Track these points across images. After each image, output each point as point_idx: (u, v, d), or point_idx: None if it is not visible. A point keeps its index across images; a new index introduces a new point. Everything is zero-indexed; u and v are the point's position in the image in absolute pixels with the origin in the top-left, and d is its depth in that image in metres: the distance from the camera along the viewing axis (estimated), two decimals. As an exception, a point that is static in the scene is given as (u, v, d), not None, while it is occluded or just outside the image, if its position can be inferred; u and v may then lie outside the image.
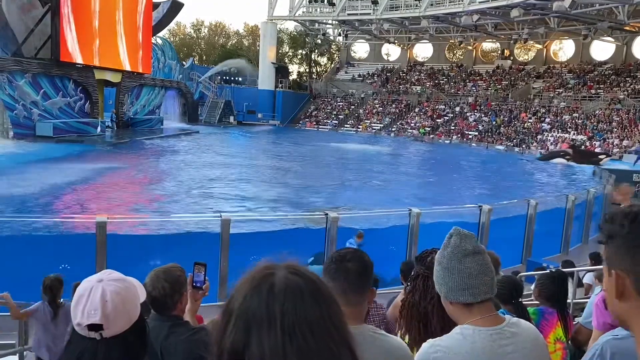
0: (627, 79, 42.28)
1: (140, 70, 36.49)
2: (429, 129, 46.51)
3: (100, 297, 1.46)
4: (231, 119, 50.86)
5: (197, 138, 36.67)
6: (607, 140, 33.77)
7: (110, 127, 34.02)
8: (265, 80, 54.84)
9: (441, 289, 1.73)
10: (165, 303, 2.32)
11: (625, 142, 32.40)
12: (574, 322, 3.96)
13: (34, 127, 26.80)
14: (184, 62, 51.95)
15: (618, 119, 36.16)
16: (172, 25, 59.44)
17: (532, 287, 5.43)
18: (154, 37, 41.20)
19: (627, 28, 41.56)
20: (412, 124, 48.47)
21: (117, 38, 32.89)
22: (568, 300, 4.55)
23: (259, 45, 59.54)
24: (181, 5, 41.05)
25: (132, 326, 1.52)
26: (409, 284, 2.28)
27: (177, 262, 2.52)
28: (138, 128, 36.36)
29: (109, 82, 33.44)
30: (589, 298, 4.02)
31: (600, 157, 28.84)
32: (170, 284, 2.32)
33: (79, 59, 29.12)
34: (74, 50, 28.53)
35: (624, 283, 1.12)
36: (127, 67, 34.44)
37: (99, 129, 30.63)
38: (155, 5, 38.77)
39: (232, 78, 59.61)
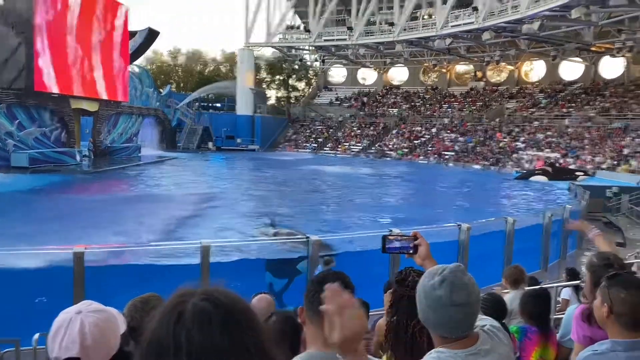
0: (596, 97, 43.46)
1: (118, 99, 36.35)
2: (406, 150, 47.00)
3: (79, 330, 1.44)
4: (210, 144, 50.76)
5: (176, 165, 36.43)
6: (580, 157, 34.49)
7: (87, 156, 33.64)
8: (244, 105, 54.99)
9: (419, 313, 1.74)
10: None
11: (597, 159, 33.13)
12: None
13: (8, 158, 26.35)
14: (161, 90, 51.88)
15: (590, 136, 37.03)
16: (149, 53, 59.48)
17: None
18: (131, 65, 41.15)
19: (593, 49, 42.91)
20: (390, 146, 48.95)
21: (94, 67, 32.76)
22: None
23: (236, 72, 59.86)
24: (157, 33, 41.17)
25: (111, 359, 1.50)
26: (391, 306, 2.28)
27: (158, 291, 2.48)
28: (116, 156, 36.03)
29: (85, 110, 33.18)
30: (563, 314, 4.04)
31: (577, 173, 29.51)
32: (148, 314, 2.29)
33: (54, 89, 28.88)
34: (49, 80, 28.30)
35: None
36: (104, 96, 34.25)
37: (77, 158, 30.27)
38: (132, 34, 38.82)
39: (210, 104, 59.65)
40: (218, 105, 60.35)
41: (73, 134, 31.25)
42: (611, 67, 46.76)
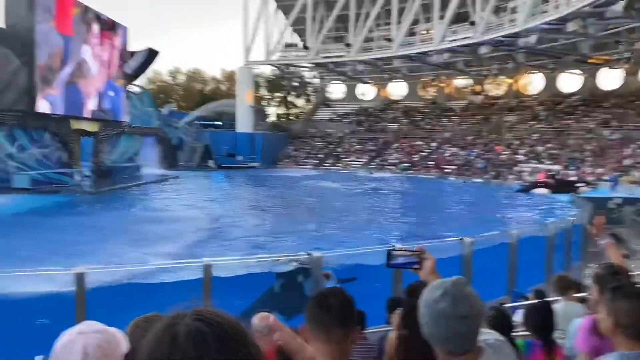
0: (595, 109, 43.58)
1: (118, 119, 36.52)
2: (407, 164, 47.01)
3: (81, 351, 1.42)
4: (210, 162, 50.85)
5: (178, 183, 36.47)
6: (581, 168, 34.48)
7: (88, 177, 33.67)
8: (244, 123, 55.22)
9: (423, 328, 1.71)
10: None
11: (599, 170, 33.11)
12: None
13: (9, 180, 26.40)
14: (161, 109, 52.12)
15: (590, 148, 37.05)
16: (149, 73, 59.89)
17: (514, 317, 5.45)
18: (131, 85, 41.38)
19: (591, 61, 43.13)
20: (391, 161, 49.01)
21: (94, 87, 32.94)
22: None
23: (236, 90, 60.21)
24: (157, 53, 41.49)
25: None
26: (403, 319, 2.26)
27: (161, 310, 2.47)
28: (117, 176, 36.04)
29: (86, 131, 33.32)
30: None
31: (578, 185, 29.45)
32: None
33: (55, 110, 29.02)
34: (49, 101, 28.45)
35: None
36: (104, 117, 34.40)
37: (78, 178, 30.32)
38: (132, 54, 39.12)
39: (210, 122, 59.91)
40: (218, 123, 60.61)
41: (74, 155, 31.33)
42: (609, 79, 46.99)
